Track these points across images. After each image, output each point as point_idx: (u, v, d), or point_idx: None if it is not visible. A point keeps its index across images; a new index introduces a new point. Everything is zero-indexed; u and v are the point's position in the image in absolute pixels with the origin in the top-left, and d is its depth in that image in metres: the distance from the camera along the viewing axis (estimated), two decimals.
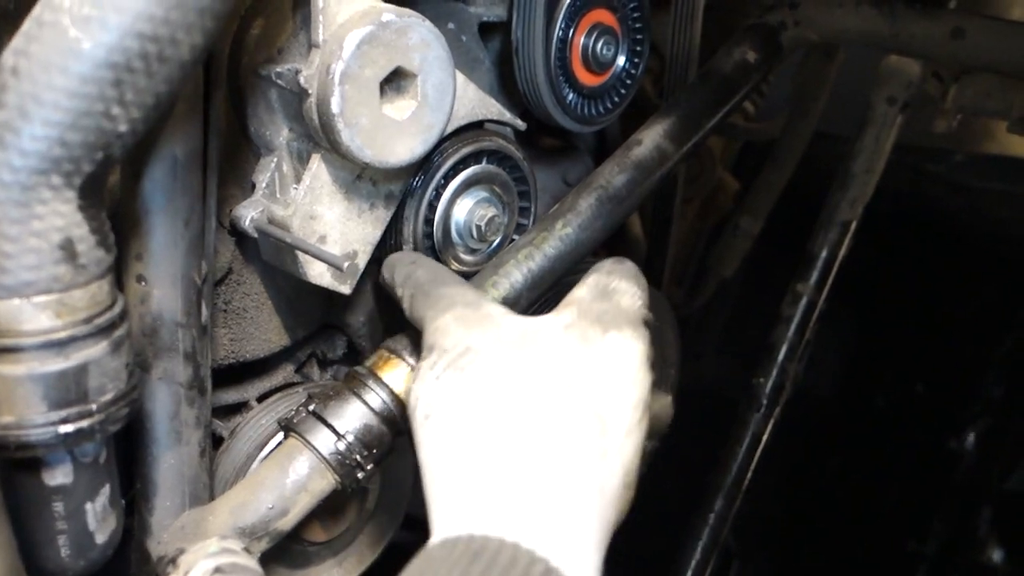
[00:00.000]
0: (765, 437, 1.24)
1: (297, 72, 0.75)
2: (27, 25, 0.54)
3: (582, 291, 0.73)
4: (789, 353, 1.25)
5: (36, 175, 0.55)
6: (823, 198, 1.30)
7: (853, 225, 1.21)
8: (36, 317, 0.57)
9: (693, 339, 1.59)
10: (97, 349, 0.60)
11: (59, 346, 0.58)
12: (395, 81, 0.77)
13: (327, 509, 0.91)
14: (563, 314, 0.70)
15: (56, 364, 0.58)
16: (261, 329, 0.89)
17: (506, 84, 0.98)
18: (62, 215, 0.57)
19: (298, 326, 0.92)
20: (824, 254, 1.22)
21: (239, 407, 0.92)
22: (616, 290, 0.72)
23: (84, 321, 0.59)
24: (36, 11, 0.54)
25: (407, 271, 0.77)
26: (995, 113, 1.08)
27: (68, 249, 0.57)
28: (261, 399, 0.92)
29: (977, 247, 1.55)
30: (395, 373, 0.80)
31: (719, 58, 1.00)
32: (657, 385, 1.07)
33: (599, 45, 0.96)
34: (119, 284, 0.67)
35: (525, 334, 0.67)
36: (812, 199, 1.37)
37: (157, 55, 0.54)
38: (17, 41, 0.54)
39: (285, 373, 0.95)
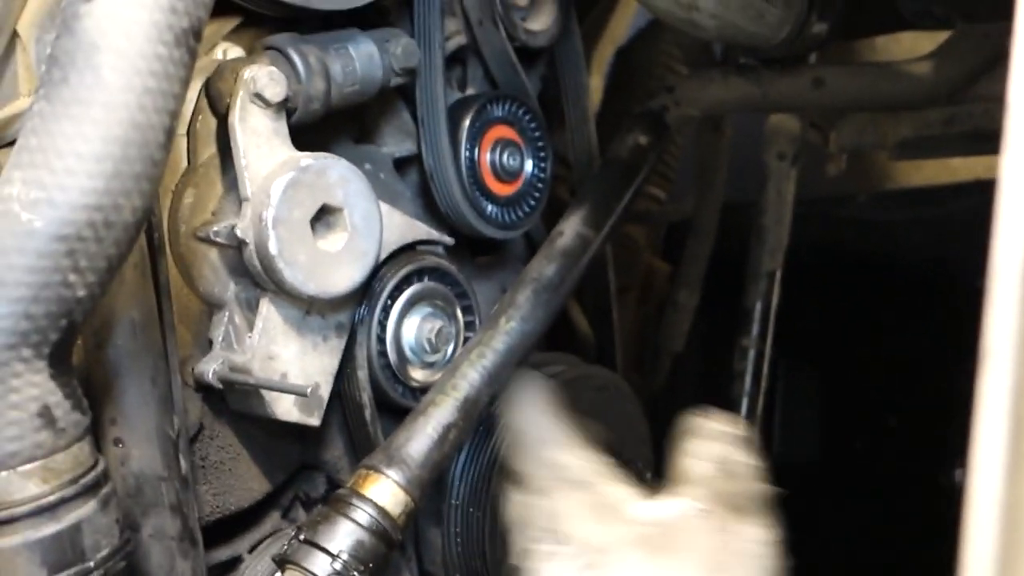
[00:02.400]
0: None
1: (233, 227, 0.81)
2: None
3: (704, 467, 0.74)
4: (751, 406, 1.30)
5: (7, 351, 0.59)
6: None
7: (778, 273, 1.29)
8: (24, 486, 0.60)
9: (663, 420, 1.63)
10: (87, 508, 0.63)
11: (50, 510, 0.61)
12: (324, 217, 0.84)
13: None
14: (693, 496, 0.71)
15: (50, 528, 0.61)
16: (241, 479, 0.91)
17: (430, 209, 1.06)
18: (36, 384, 0.61)
19: (276, 470, 0.95)
20: (759, 305, 1.30)
21: (233, 563, 0.93)
22: (738, 466, 0.74)
23: (70, 482, 0.62)
24: None
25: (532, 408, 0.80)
26: (874, 146, 1.18)
27: (46, 416, 0.61)
28: (252, 550, 0.93)
29: (898, 276, 1.64)
30: (377, 488, 0.82)
31: (615, 147, 1.10)
32: (635, 472, 1.11)
33: (505, 157, 1.05)
34: (98, 449, 0.70)
35: (663, 529, 0.68)
36: (737, 268, 1.46)
37: (103, 222, 0.60)
38: None
39: (272, 521, 0.97)
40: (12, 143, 0.73)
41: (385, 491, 0.82)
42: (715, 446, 0.75)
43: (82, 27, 0.60)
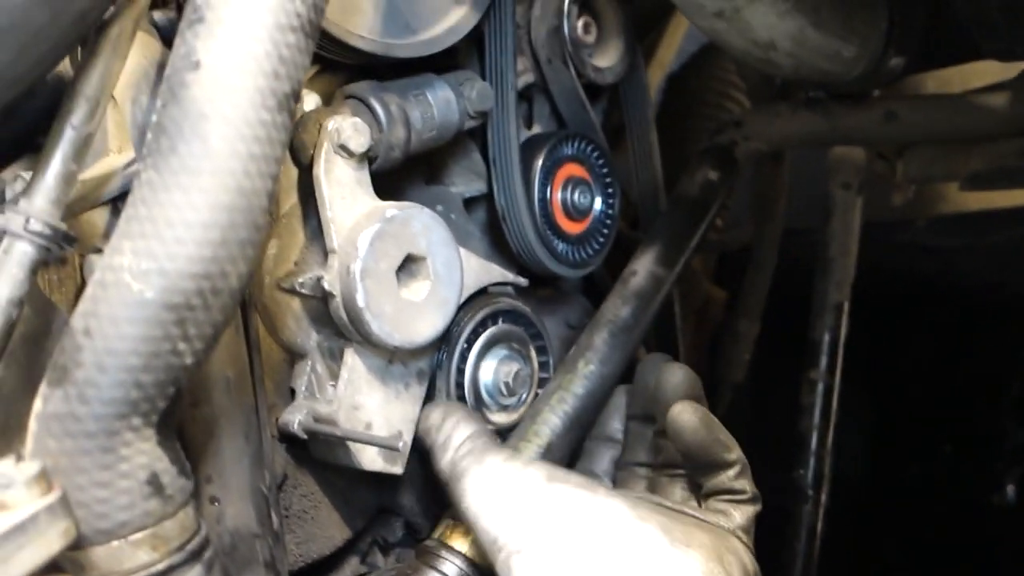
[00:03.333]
0: (819, 526, 1.26)
1: (319, 279, 0.81)
2: (91, 289, 0.60)
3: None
4: (820, 440, 1.28)
5: (118, 420, 0.59)
6: (807, 289, 1.37)
7: (845, 305, 1.28)
8: (135, 555, 0.60)
9: None
10: (193, 573, 0.63)
11: None
12: (408, 267, 0.84)
13: None
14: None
15: None
16: (323, 527, 0.91)
17: (498, 248, 1.05)
18: (145, 452, 0.61)
19: (356, 516, 0.94)
20: (826, 338, 1.28)
21: None
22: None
23: (178, 549, 0.62)
24: (97, 276, 0.60)
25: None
26: (943, 178, 1.17)
27: (155, 484, 0.61)
28: None
29: (957, 302, 1.62)
30: (465, 539, 0.82)
31: (684, 183, 1.09)
32: None
33: (576, 195, 1.05)
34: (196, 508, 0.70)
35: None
36: (798, 292, 1.44)
37: (211, 290, 0.60)
38: (84, 305, 0.60)
39: (352, 567, 0.96)
40: (105, 202, 0.75)
41: (472, 542, 0.82)
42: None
43: (189, 95, 0.60)
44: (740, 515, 0.81)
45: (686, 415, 0.81)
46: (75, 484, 0.59)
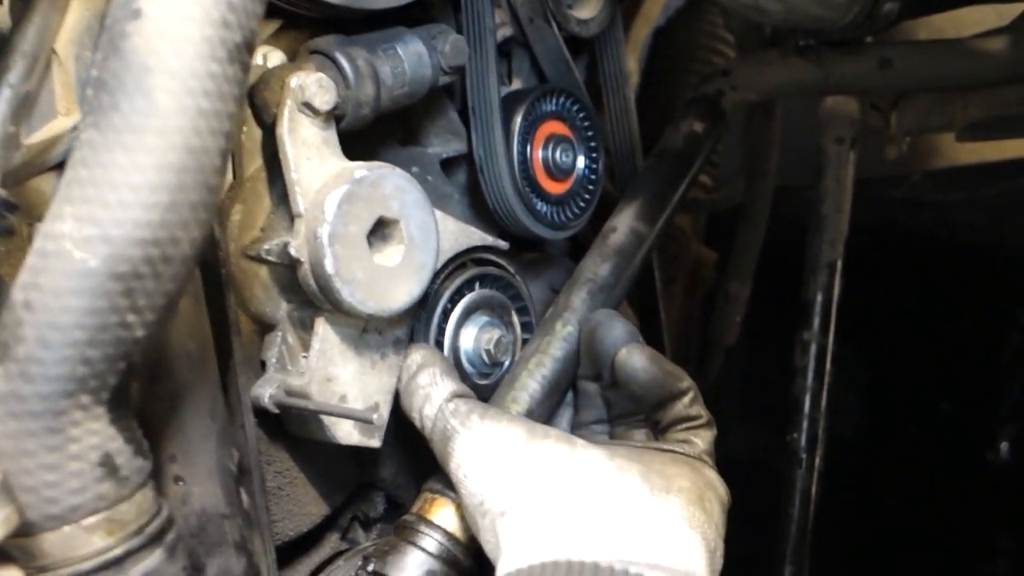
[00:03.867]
0: (814, 490, 1.23)
1: (286, 244, 0.77)
2: (31, 259, 0.56)
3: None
4: (814, 402, 1.25)
5: (64, 399, 0.55)
6: (800, 247, 1.34)
7: (839, 264, 1.24)
8: (89, 540, 0.57)
9: (713, 414, 1.59)
10: (154, 558, 0.60)
11: (116, 564, 0.58)
12: (380, 231, 0.80)
13: None
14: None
15: None
16: (299, 504, 0.88)
17: (477, 211, 1.01)
18: (96, 432, 0.57)
19: (334, 492, 0.91)
20: (819, 298, 1.25)
21: None
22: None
23: (136, 533, 0.59)
24: (38, 244, 0.56)
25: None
26: (939, 128, 1.12)
27: (108, 465, 0.57)
28: (314, 575, 0.90)
29: (953, 257, 1.59)
30: (443, 512, 0.79)
31: (668, 135, 1.04)
32: None
33: (558, 153, 1.00)
34: (158, 487, 0.67)
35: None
36: (790, 251, 1.40)
37: (161, 257, 0.56)
38: (24, 277, 0.56)
39: (332, 543, 0.93)
40: (54, 167, 0.71)
41: (451, 515, 0.79)
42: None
43: (131, 47, 0.55)
44: (702, 440, 0.84)
45: (635, 355, 0.84)
46: (21, 468, 0.55)
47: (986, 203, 1.52)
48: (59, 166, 0.71)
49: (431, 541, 0.77)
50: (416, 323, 0.88)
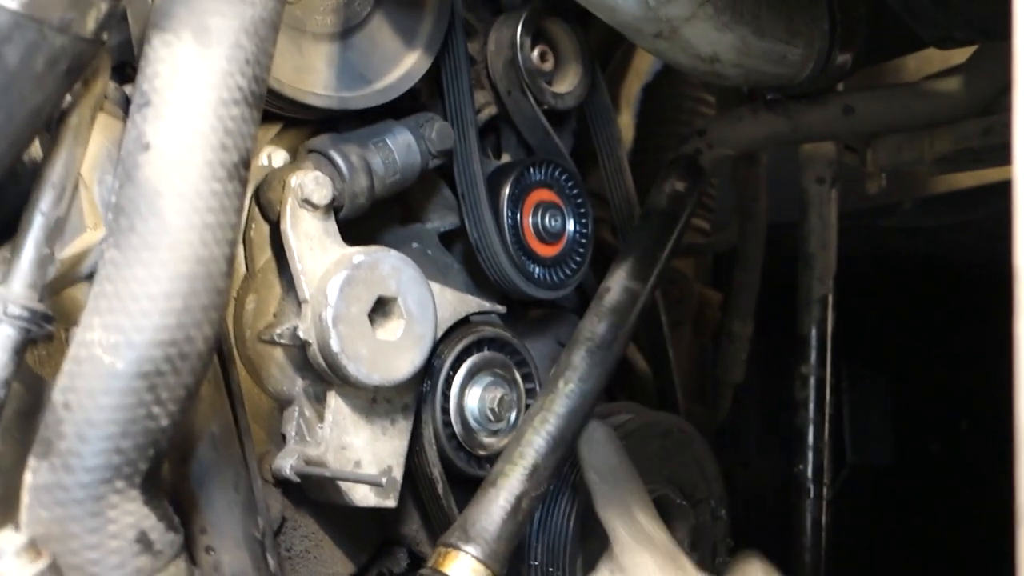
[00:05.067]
0: (824, 519, 1.27)
1: (295, 328, 0.85)
2: (67, 365, 0.64)
3: None
4: (817, 433, 1.29)
5: (103, 485, 0.63)
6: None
7: (830, 298, 1.29)
8: None
9: (732, 449, 1.64)
10: None
11: None
12: (380, 308, 0.87)
13: None
14: None
15: None
16: (326, 564, 0.95)
17: (479, 278, 1.09)
18: (131, 513, 0.64)
19: (359, 551, 0.98)
20: (814, 332, 1.30)
21: None
22: None
23: None
24: (72, 352, 0.64)
25: (604, 461, 0.92)
26: (912, 164, 1.18)
27: (144, 541, 0.65)
28: None
29: (953, 278, 1.62)
30: (457, 565, 0.85)
31: (653, 196, 1.11)
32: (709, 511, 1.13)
33: (547, 219, 1.08)
34: (192, 559, 0.74)
35: None
36: (791, 284, 1.46)
37: (179, 355, 0.64)
38: (62, 381, 0.64)
39: None
40: (86, 278, 0.79)
41: (466, 568, 0.85)
42: None
43: (143, 176, 0.64)
44: None
45: None
46: (67, 549, 0.62)
47: (981, 225, 1.57)
48: (90, 277, 0.80)
49: None
50: (423, 388, 0.95)
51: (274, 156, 0.95)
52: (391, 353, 0.87)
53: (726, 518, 1.21)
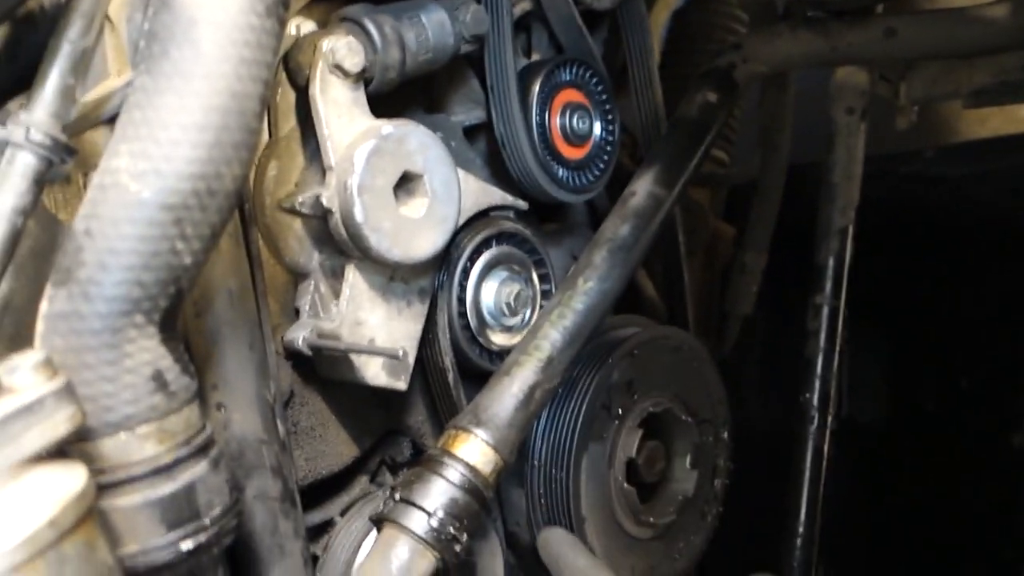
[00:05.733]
0: (826, 448, 1.27)
1: (318, 197, 0.83)
2: (91, 193, 0.62)
3: None
4: (826, 362, 1.29)
5: (122, 317, 0.61)
6: (810, 225, 1.37)
7: (850, 229, 1.28)
8: (142, 447, 0.63)
9: (732, 385, 1.63)
10: (200, 467, 0.65)
11: (167, 470, 0.64)
12: (405, 185, 0.85)
13: None
14: None
15: (167, 487, 0.64)
16: (331, 444, 0.94)
17: (499, 177, 1.07)
18: (148, 350, 0.63)
19: (364, 435, 0.97)
20: (831, 263, 1.29)
21: (325, 526, 0.96)
22: None
23: (184, 443, 0.65)
24: (97, 179, 0.62)
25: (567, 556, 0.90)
26: (946, 97, 1.16)
27: (159, 380, 0.63)
28: (343, 513, 0.96)
29: (967, 232, 1.61)
30: (467, 447, 0.84)
31: (684, 106, 1.09)
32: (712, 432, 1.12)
33: (575, 120, 1.05)
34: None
35: None
36: (802, 228, 1.44)
37: (207, 190, 0.62)
38: (85, 208, 0.62)
39: (361, 485, 0.99)
40: (106, 122, 0.77)
41: (475, 450, 0.84)
42: None
43: (180, 2, 0.61)
44: None
45: None
46: (82, 379, 0.61)
47: (1000, 176, 1.55)
48: (110, 121, 0.78)
49: (454, 472, 0.82)
50: (440, 276, 0.94)
51: (302, 27, 0.92)
52: (413, 230, 0.85)
53: (728, 441, 1.21)
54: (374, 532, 0.92)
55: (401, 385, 0.90)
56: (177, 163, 0.61)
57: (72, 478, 0.54)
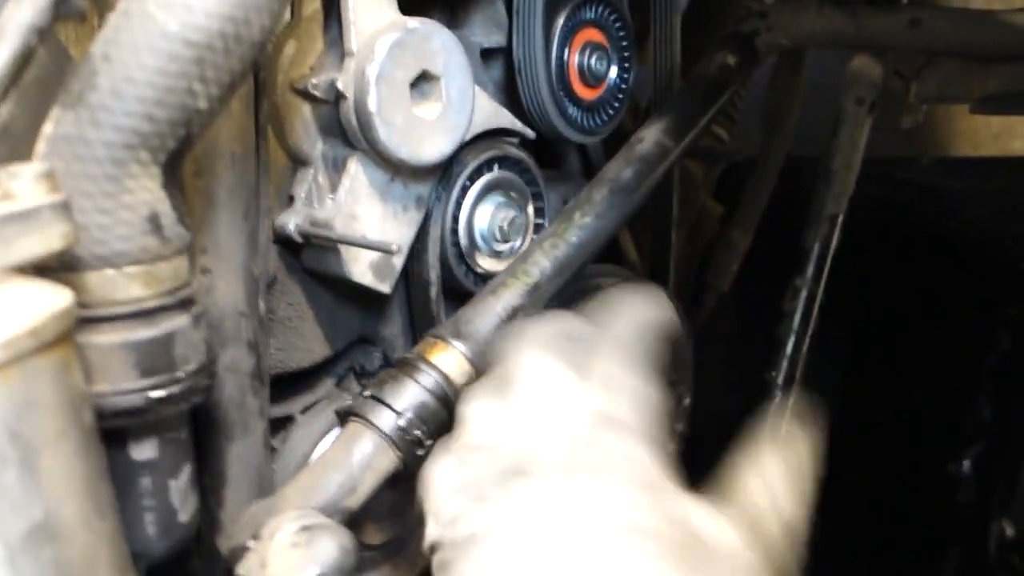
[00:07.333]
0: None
1: (333, 81, 0.81)
2: (115, 19, 0.60)
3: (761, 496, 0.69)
4: (796, 344, 1.30)
5: (127, 150, 0.60)
6: (798, 214, 1.38)
7: (840, 218, 1.29)
8: (128, 287, 0.61)
9: (702, 356, 1.65)
10: (181, 320, 0.64)
11: (149, 315, 0.62)
12: (421, 85, 0.84)
13: (380, 511, 0.93)
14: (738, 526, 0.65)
15: (146, 332, 0.62)
16: (304, 339, 0.93)
17: (510, 106, 1.05)
18: (149, 190, 0.61)
19: (338, 337, 0.96)
20: (817, 247, 1.30)
21: (284, 421, 0.95)
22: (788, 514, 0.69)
23: (169, 292, 0.63)
24: (122, 5, 0.60)
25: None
26: (957, 99, 1.17)
27: (155, 222, 0.62)
28: (304, 411, 0.95)
29: (950, 249, 1.63)
30: (444, 356, 0.84)
31: (703, 64, 1.09)
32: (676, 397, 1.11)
33: (593, 60, 1.04)
34: None
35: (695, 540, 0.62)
36: (792, 222, 1.45)
37: (234, 35, 0.60)
38: (105, 33, 0.60)
39: (326, 387, 0.98)
40: None
41: (451, 360, 0.83)
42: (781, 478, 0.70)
43: None
44: None
45: None
46: (78, 206, 0.59)
47: (987, 197, 1.57)
48: None
49: (428, 378, 0.81)
50: (438, 189, 0.93)
51: None
52: (424, 131, 0.84)
53: (688, 408, 1.21)
54: (334, 432, 0.91)
55: (385, 288, 0.89)
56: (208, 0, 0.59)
57: (57, 296, 0.53)
